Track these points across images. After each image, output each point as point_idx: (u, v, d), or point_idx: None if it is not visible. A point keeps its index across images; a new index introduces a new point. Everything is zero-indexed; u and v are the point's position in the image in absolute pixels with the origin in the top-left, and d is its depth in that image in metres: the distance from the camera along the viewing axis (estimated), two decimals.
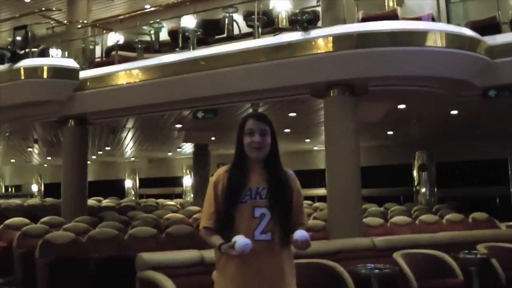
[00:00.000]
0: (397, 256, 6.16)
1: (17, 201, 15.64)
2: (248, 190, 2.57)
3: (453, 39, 7.21)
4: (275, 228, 2.56)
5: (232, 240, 2.43)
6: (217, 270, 2.65)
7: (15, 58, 9.55)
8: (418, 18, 8.32)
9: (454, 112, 9.90)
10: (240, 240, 2.40)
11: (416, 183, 15.34)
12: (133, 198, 20.26)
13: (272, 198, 2.57)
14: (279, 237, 2.56)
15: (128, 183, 22.03)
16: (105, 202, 15.64)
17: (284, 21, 11.63)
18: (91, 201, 13.67)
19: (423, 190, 15.14)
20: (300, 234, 2.50)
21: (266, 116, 2.70)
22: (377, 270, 5.36)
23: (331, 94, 7.62)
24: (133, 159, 20.68)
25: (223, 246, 2.48)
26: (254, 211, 2.55)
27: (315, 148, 16.55)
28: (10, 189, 25.85)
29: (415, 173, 15.34)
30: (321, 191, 13.55)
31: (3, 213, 11.03)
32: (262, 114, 2.75)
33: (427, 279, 5.90)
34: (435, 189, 15.18)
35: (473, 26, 7.91)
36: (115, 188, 20.90)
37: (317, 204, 13.08)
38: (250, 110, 9.54)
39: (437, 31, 7.15)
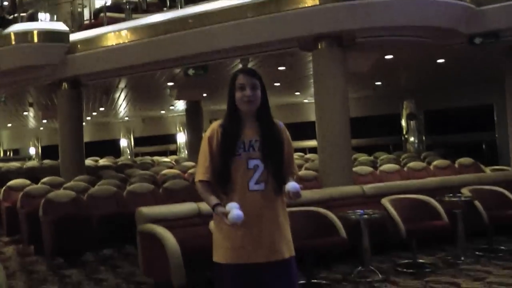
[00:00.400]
0: (385, 201, 6.35)
1: (16, 164, 15.81)
2: (242, 143, 2.67)
3: None
4: (268, 178, 2.67)
5: (226, 206, 2.53)
6: (214, 221, 2.76)
7: (4, 23, 9.56)
8: None
9: (441, 60, 10.04)
10: (233, 211, 2.49)
11: (404, 132, 15.59)
12: (129, 156, 20.49)
13: (264, 149, 2.68)
14: (273, 186, 2.67)
15: (123, 142, 22.22)
16: (102, 161, 15.86)
17: None
18: (88, 161, 13.84)
19: (412, 138, 15.40)
20: (292, 185, 2.61)
21: (256, 71, 2.79)
22: (366, 216, 5.55)
23: (319, 47, 7.72)
24: (127, 118, 20.78)
25: (217, 208, 2.59)
26: (248, 162, 2.66)
27: (305, 100, 16.68)
28: (8, 153, 26.01)
29: (403, 122, 15.56)
30: (313, 143, 13.72)
31: (5, 175, 11.23)
32: (252, 69, 2.87)
33: (414, 222, 6.08)
34: (423, 137, 15.45)
35: None
36: (110, 147, 21.03)
37: (308, 155, 13.29)
38: (240, 66, 9.64)
39: None
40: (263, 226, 2.65)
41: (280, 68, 10.13)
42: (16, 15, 10.04)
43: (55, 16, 10.60)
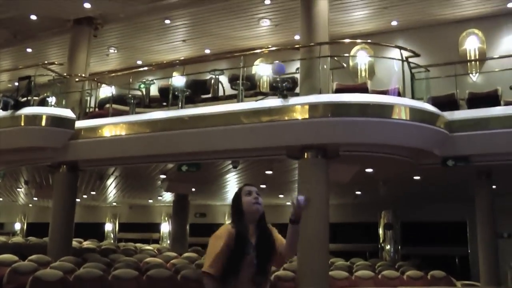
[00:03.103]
0: None
1: (2, 238, 15.85)
2: (250, 244, 3.21)
3: (416, 113, 7.94)
4: (265, 273, 3.24)
5: None
6: None
7: (18, 105, 10.06)
8: (386, 91, 9.13)
9: (417, 177, 10.63)
10: None
11: (381, 240, 16.06)
12: (112, 241, 20.55)
13: (264, 249, 3.22)
14: (267, 279, 3.28)
15: (108, 227, 22.29)
16: (86, 243, 15.96)
17: (265, 84, 12.53)
18: (73, 242, 13.95)
19: (388, 247, 15.86)
20: (300, 197, 3.10)
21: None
22: None
23: (305, 156, 8.27)
24: (114, 204, 21.03)
25: None
26: (253, 260, 3.18)
27: (288, 203, 17.05)
28: None
29: (380, 231, 16.09)
30: None
31: None
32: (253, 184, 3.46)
33: None
34: (399, 247, 15.89)
35: (434, 101, 8.71)
36: (95, 230, 21.07)
37: None
38: (230, 167, 10.17)
39: (402, 105, 7.88)
40: None
41: (267, 172, 10.63)
42: (29, 98, 10.51)
43: (64, 101, 11.07)
